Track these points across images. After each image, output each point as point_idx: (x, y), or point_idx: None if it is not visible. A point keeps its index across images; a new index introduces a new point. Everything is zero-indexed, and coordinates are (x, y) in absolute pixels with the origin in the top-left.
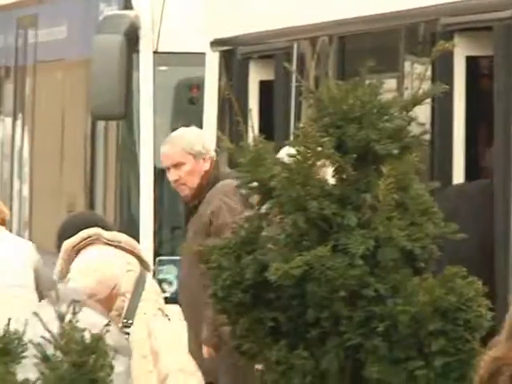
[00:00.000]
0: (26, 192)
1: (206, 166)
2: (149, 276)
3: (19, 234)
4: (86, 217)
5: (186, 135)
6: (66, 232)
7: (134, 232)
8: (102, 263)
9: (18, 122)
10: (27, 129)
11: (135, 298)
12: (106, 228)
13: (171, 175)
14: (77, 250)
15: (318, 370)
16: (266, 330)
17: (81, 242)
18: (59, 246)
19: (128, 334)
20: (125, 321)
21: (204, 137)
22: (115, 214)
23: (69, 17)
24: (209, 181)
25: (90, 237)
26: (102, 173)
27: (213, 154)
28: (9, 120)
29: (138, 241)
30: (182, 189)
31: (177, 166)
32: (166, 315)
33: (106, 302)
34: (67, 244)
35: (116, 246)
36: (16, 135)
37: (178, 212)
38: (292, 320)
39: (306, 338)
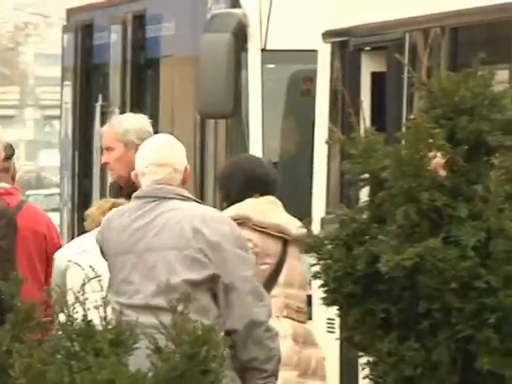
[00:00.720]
0: None
1: None
2: None
3: None
4: (252, 165)
5: (125, 122)
6: (230, 181)
7: None
8: None
9: None
10: None
11: None
12: (268, 185)
13: (103, 157)
14: None
15: (429, 362)
16: (377, 321)
17: None
18: (221, 194)
19: None
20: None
21: (145, 127)
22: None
23: (177, 13)
24: None
25: (236, 219)
26: (212, 170)
27: None
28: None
29: None
30: (111, 173)
31: (108, 149)
32: None
33: None
34: None
35: (262, 232)
36: None
37: None
38: (403, 311)
39: (417, 329)
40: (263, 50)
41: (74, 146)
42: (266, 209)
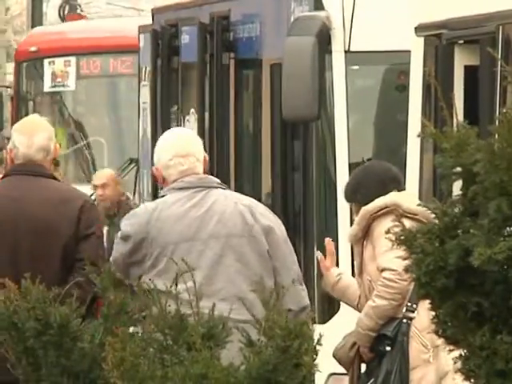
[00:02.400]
0: None
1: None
2: None
3: None
4: (385, 167)
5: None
6: (366, 181)
7: (332, 228)
8: None
9: (209, 120)
10: (218, 126)
11: None
12: (401, 183)
13: None
14: (373, 218)
15: None
16: (469, 315)
17: (378, 210)
18: (353, 199)
19: (411, 318)
20: (409, 304)
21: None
22: (312, 212)
23: (260, 14)
24: None
25: (387, 206)
26: (300, 173)
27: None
28: (195, 117)
29: (336, 237)
30: None
31: None
32: None
33: None
34: (365, 210)
35: (413, 219)
36: (205, 134)
37: None
38: (496, 305)
39: (510, 323)
40: (347, 52)
41: (153, 146)
42: (411, 199)
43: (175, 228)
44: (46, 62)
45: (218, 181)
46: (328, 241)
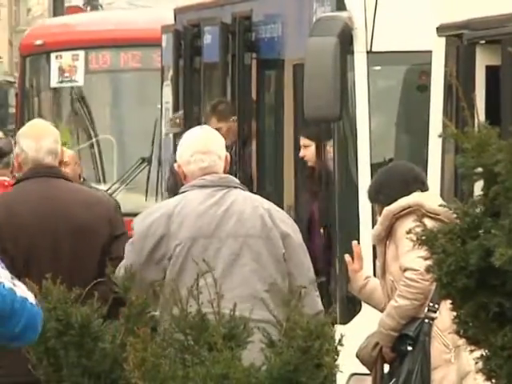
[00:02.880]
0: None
1: None
2: None
3: None
4: (408, 167)
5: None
6: (389, 181)
7: (353, 228)
8: None
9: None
10: (240, 126)
11: None
12: (424, 183)
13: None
14: (396, 218)
15: None
16: (490, 315)
17: (401, 210)
18: (376, 200)
19: (433, 318)
20: (431, 304)
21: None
22: (334, 213)
23: (282, 15)
24: None
25: (410, 206)
26: (324, 173)
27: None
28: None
29: (358, 237)
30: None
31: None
32: None
33: None
34: (388, 210)
35: (435, 219)
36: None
37: None
38: None
39: None
40: (369, 52)
41: (176, 145)
42: (434, 199)
43: (195, 224)
44: (52, 56)
45: (238, 181)
46: (355, 244)
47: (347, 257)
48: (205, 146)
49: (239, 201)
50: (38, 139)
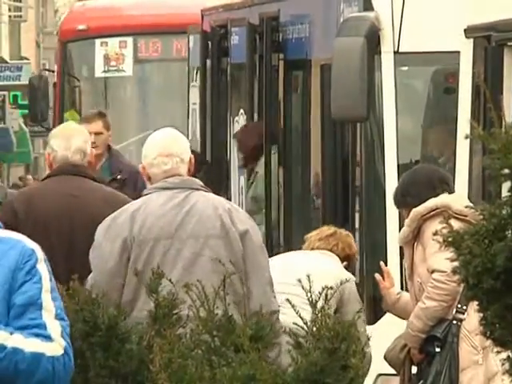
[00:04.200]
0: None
1: None
2: None
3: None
4: (432, 168)
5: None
6: (415, 183)
7: (380, 231)
8: None
9: (258, 120)
10: (267, 127)
11: None
12: (449, 184)
13: None
14: (423, 220)
15: None
16: None
17: (429, 212)
18: (403, 203)
19: (461, 320)
20: (459, 306)
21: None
22: (361, 214)
23: (309, 15)
24: None
25: (437, 208)
26: (349, 174)
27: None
28: (244, 118)
29: (385, 239)
30: None
31: None
32: None
33: None
34: (415, 212)
35: (463, 220)
36: None
37: None
38: None
39: None
40: (396, 53)
41: (202, 146)
42: (461, 200)
43: (157, 225)
44: (97, 42)
45: (201, 183)
46: (382, 265)
47: (377, 276)
48: (167, 148)
49: (201, 202)
50: (68, 138)
